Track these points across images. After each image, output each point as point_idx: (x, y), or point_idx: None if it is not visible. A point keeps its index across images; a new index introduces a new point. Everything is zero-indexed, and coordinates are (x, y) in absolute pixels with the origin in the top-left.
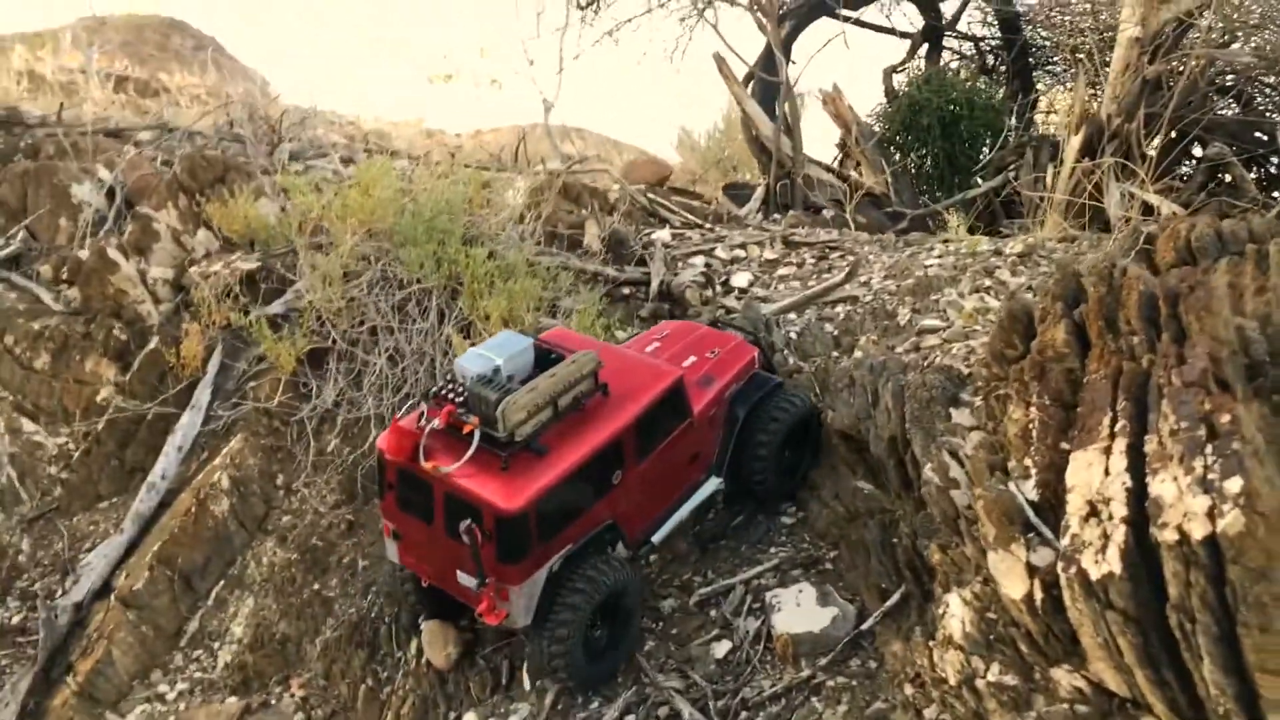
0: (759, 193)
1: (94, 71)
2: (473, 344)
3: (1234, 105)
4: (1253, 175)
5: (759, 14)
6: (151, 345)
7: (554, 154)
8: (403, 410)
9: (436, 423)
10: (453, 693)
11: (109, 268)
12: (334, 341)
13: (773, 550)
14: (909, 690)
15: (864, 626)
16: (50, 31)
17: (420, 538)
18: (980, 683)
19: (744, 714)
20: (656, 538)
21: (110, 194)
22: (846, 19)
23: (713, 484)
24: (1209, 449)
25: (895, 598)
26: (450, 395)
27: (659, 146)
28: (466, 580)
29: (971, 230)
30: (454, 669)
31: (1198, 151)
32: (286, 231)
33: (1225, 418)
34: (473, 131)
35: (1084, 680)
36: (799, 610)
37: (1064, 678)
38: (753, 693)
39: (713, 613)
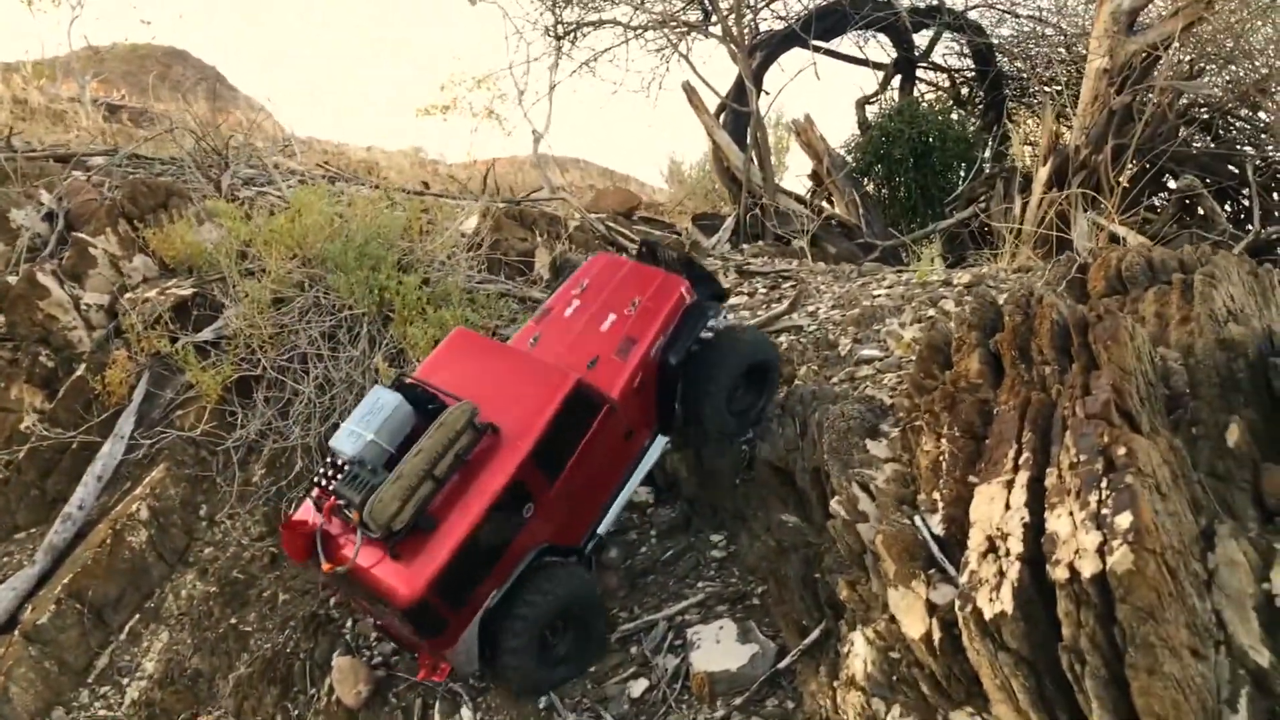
0: (729, 223)
1: (87, 100)
2: (401, 372)
3: (1206, 138)
4: (1225, 209)
5: (730, 44)
6: (78, 373)
7: (544, 183)
8: (294, 503)
9: (321, 522)
10: None
11: (38, 293)
12: (263, 369)
13: (700, 585)
14: None
15: (781, 665)
16: (49, 61)
17: (368, 611)
18: None
19: None
20: (602, 529)
21: (51, 218)
22: (818, 49)
23: (659, 445)
24: (1104, 482)
25: (814, 634)
26: (330, 490)
27: (651, 176)
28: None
29: (944, 260)
30: (364, 707)
31: (1171, 184)
32: (221, 259)
33: (1121, 450)
34: (469, 162)
35: None
36: (718, 648)
37: None
38: None
39: (634, 649)
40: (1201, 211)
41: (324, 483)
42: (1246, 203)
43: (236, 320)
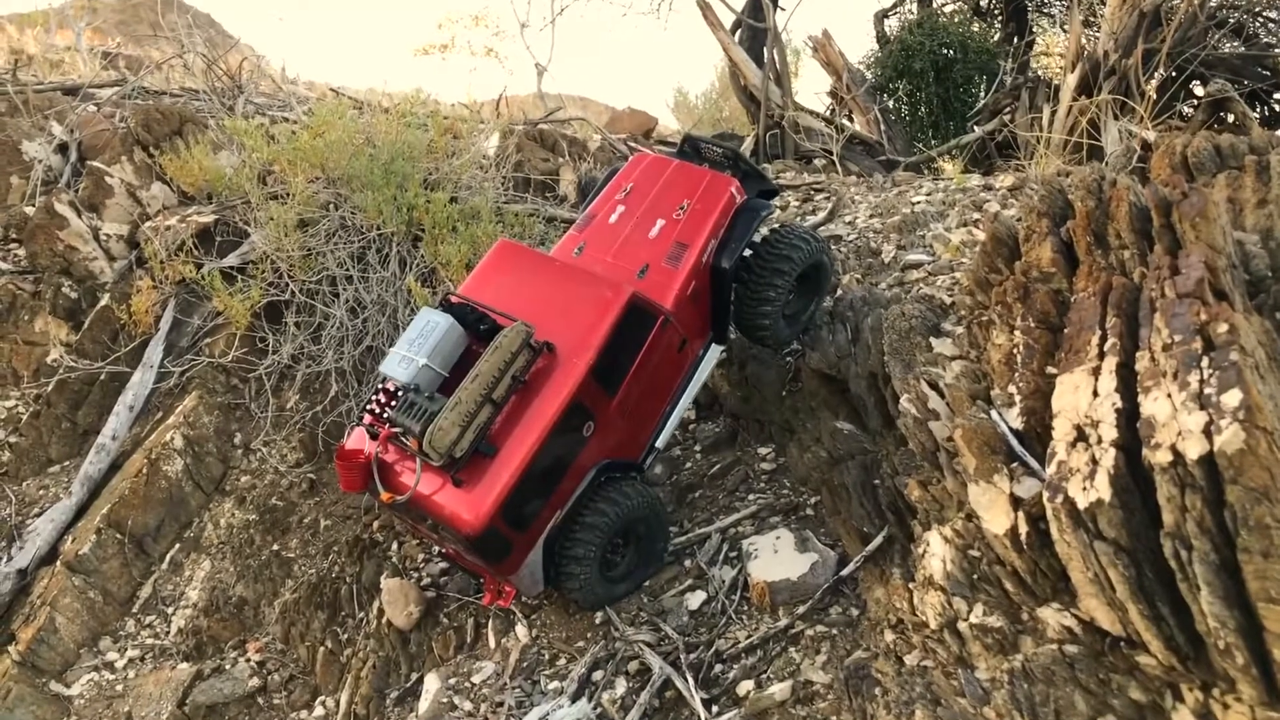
0: (748, 143)
1: (83, 48)
2: (433, 293)
3: (1236, 40)
4: (1256, 113)
5: None
6: (103, 303)
7: (559, 107)
8: (348, 431)
9: (378, 450)
10: (415, 652)
11: (57, 223)
12: (292, 294)
13: (751, 497)
14: (889, 637)
15: (845, 572)
16: (42, 11)
17: (430, 537)
18: (963, 625)
19: (718, 667)
20: (660, 442)
21: (64, 150)
22: None
23: (714, 354)
24: (1205, 362)
25: (877, 541)
26: (382, 413)
27: (658, 110)
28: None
29: (966, 174)
30: (416, 628)
31: (1199, 90)
32: (243, 183)
33: (1222, 328)
34: (470, 101)
35: (1074, 619)
36: (776, 557)
37: (1052, 617)
38: (727, 644)
39: (687, 563)
40: (1232, 117)
41: (377, 410)
42: (1278, 107)
43: (262, 244)
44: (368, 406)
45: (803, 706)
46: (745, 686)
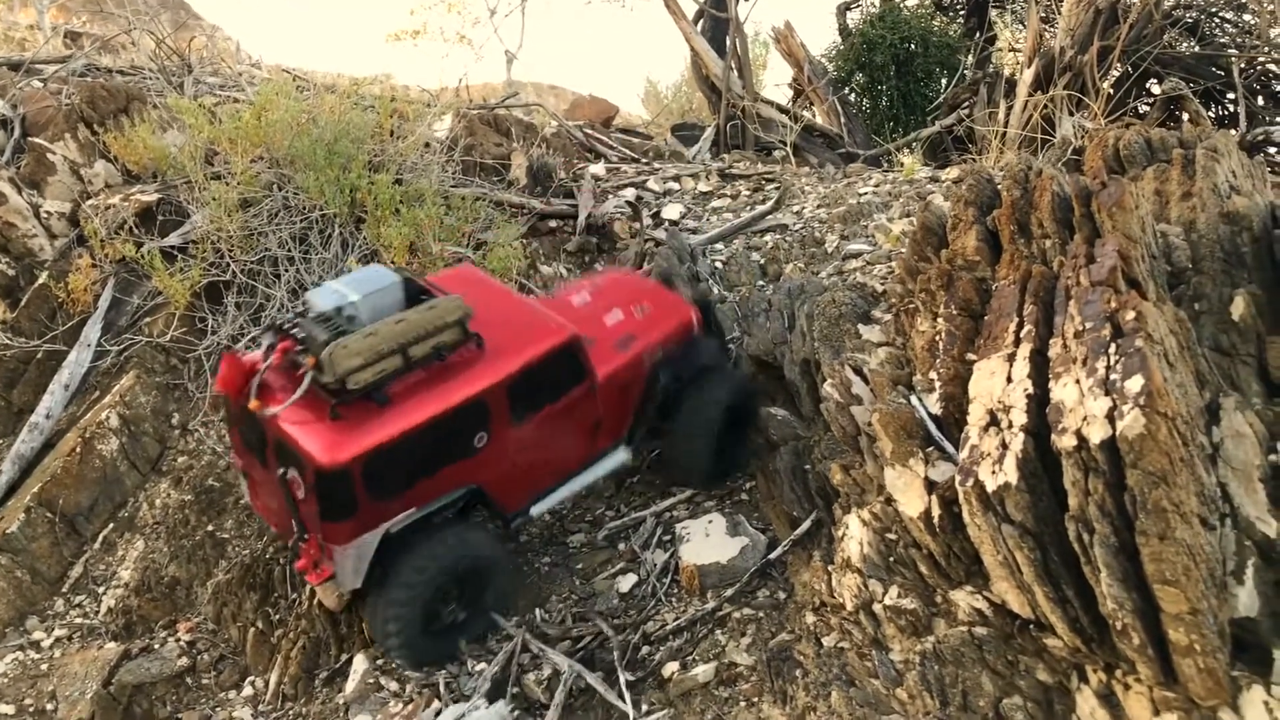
0: (708, 133)
1: (47, 26)
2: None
3: (1191, 40)
4: (1210, 113)
5: None
6: (41, 280)
7: (519, 91)
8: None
9: (272, 360)
10: (345, 634)
11: None
12: (233, 274)
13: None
14: (811, 619)
15: (773, 555)
16: None
17: (261, 479)
18: (878, 607)
19: (645, 648)
20: (536, 510)
21: (5, 126)
22: None
23: (620, 456)
24: (1112, 348)
25: (805, 525)
26: (293, 330)
27: (628, 100)
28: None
29: (927, 166)
30: (346, 610)
31: (1155, 89)
32: (186, 162)
33: (1130, 315)
34: (439, 89)
35: (985, 602)
36: (708, 541)
37: (965, 600)
38: (655, 626)
39: (621, 546)
40: (1187, 116)
41: (288, 326)
42: (1232, 107)
43: (204, 224)
44: (277, 323)
45: (725, 688)
46: (670, 668)
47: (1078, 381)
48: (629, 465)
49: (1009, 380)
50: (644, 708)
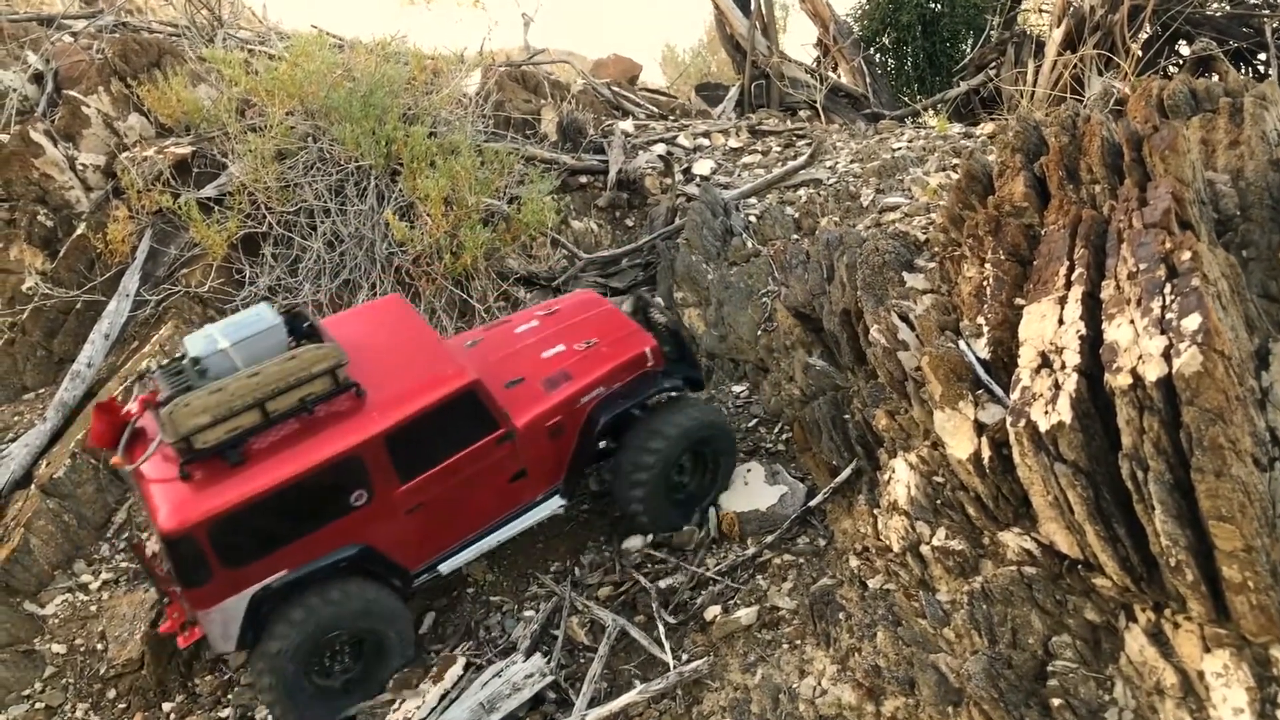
0: (733, 92)
1: None
2: (410, 227)
3: (1223, 0)
4: (1241, 73)
5: None
6: (79, 231)
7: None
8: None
9: (137, 414)
10: None
11: (33, 150)
12: (269, 225)
13: None
14: (854, 563)
15: (813, 503)
16: None
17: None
18: (925, 549)
19: (688, 594)
20: (445, 567)
21: (39, 80)
22: None
23: (552, 505)
24: (1168, 289)
25: (846, 473)
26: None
27: (646, 65)
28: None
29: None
30: None
31: (1184, 49)
32: (221, 114)
33: (1185, 255)
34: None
35: (1033, 543)
36: (746, 489)
37: (1013, 541)
38: (692, 576)
39: None
40: (1217, 76)
41: (152, 374)
42: (1263, 67)
43: (240, 175)
44: (150, 371)
45: (768, 631)
46: (712, 612)
47: (1132, 322)
48: (563, 512)
49: (1060, 322)
50: (684, 656)
